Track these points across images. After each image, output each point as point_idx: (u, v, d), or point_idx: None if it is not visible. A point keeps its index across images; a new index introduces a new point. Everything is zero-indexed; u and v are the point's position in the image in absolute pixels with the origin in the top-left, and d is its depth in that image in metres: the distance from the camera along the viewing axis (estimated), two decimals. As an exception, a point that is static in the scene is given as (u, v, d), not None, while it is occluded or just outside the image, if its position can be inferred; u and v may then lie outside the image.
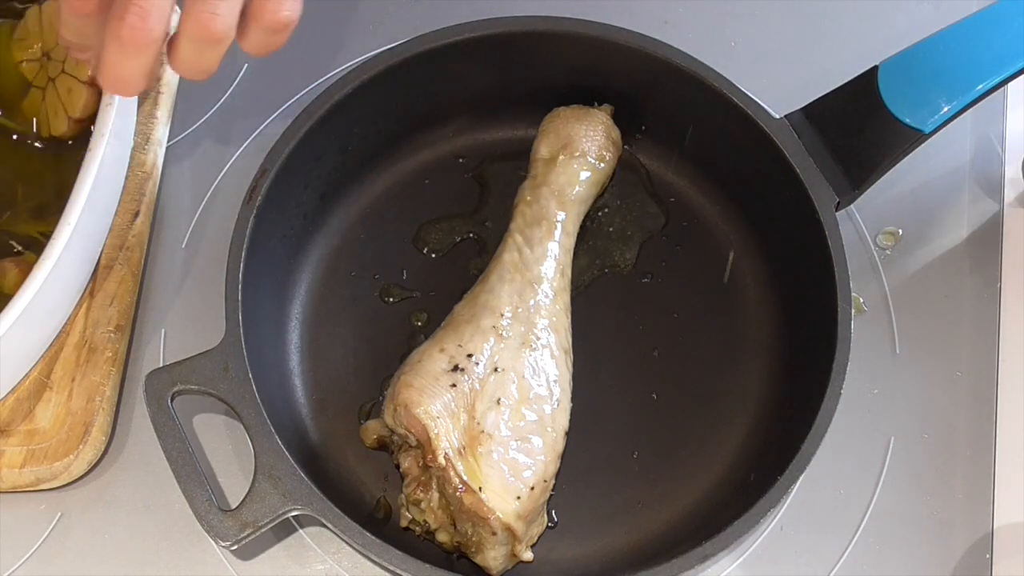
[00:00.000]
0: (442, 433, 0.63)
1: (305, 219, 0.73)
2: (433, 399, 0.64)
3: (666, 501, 0.69)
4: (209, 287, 0.75)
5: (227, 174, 0.78)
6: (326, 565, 0.68)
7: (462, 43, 0.71)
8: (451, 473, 0.63)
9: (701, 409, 0.71)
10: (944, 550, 0.69)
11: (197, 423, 0.71)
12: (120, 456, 0.71)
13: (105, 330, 0.71)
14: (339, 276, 0.74)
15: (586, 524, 0.69)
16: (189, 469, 0.63)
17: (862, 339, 0.70)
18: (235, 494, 0.69)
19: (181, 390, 0.65)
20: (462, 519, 0.64)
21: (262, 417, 0.64)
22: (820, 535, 0.69)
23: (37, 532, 0.69)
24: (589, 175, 0.73)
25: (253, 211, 0.67)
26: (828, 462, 0.69)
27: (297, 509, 0.62)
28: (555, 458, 0.66)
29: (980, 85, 0.67)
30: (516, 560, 0.65)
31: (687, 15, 0.83)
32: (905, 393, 0.73)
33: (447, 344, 0.67)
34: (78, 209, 0.64)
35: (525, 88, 0.75)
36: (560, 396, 0.67)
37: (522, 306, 0.68)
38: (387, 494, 0.69)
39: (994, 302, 0.75)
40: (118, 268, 0.73)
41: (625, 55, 0.72)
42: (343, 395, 0.71)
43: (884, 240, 0.77)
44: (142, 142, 0.76)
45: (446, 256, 0.75)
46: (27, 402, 0.69)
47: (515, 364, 0.66)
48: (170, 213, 0.77)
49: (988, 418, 0.72)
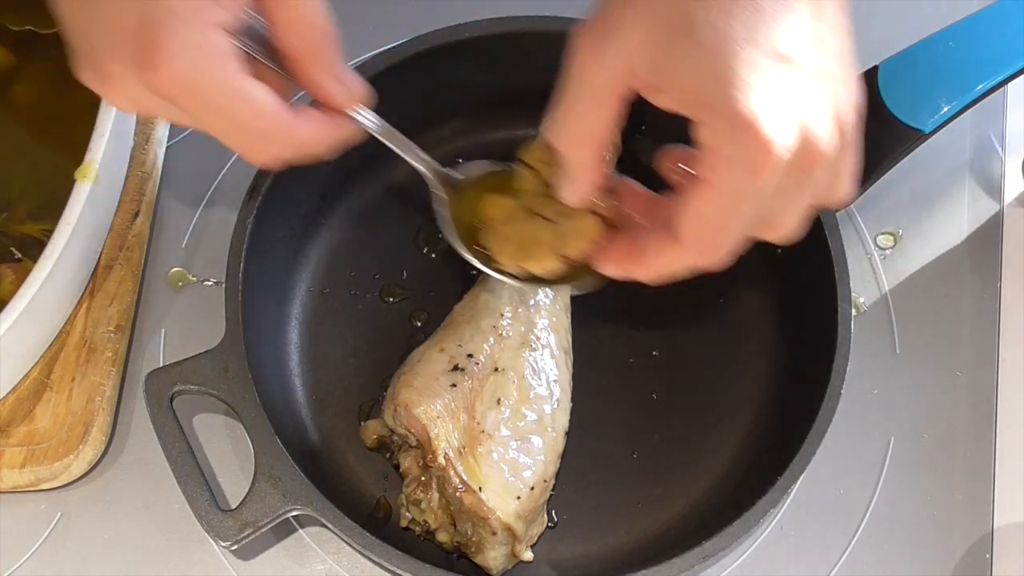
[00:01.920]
0: (442, 433, 0.63)
1: (305, 219, 0.73)
2: (433, 399, 0.64)
3: (666, 501, 0.69)
4: (209, 287, 0.75)
5: (227, 174, 0.78)
6: (326, 565, 0.68)
7: (462, 43, 0.71)
8: (451, 473, 0.63)
9: (701, 409, 0.71)
10: (944, 550, 0.69)
11: (197, 423, 0.71)
12: (120, 456, 0.71)
13: (105, 330, 0.71)
14: (339, 276, 0.74)
15: (586, 524, 0.69)
16: (189, 469, 0.63)
17: (862, 339, 0.70)
18: (235, 494, 0.69)
19: (181, 390, 0.65)
20: (462, 519, 0.64)
21: (262, 417, 0.64)
22: (820, 535, 0.69)
23: (37, 532, 0.69)
24: (589, 175, 0.73)
25: (253, 211, 0.67)
26: (828, 462, 0.69)
27: (297, 509, 0.62)
28: (555, 458, 0.66)
29: (980, 85, 0.67)
30: (516, 560, 0.65)
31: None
32: (905, 393, 0.73)
33: (447, 344, 0.67)
34: (78, 209, 0.64)
35: (525, 88, 0.75)
36: (560, 396, 0.67)
37: (522, 306, 0.68)
38: (387, 494, 0.69)
39: (994, 302, 0.75)
40: (118, 268, 0.73)
41: (625, 55, 0.72)
42: (343, 395, 0.71)
43: (884, 240, 0.77)
44: (142, 142, 0.76)
45: (446, 256, 0.75)
46: (27, 402, 0.69)
47: (515, 364, 0.66)
48: (170, 213, 0.77)
49: (988, 418, 0.72)
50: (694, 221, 0.52)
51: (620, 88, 0.52)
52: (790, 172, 0.50)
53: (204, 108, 0.52)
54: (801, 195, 0.53)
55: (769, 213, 0.53)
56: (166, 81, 0.50)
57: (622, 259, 0.58)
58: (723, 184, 0.51)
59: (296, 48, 0.54)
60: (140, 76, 0.50)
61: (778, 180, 0.50)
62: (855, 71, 0.53)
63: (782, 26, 0.49)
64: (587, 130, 0.54)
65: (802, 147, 0.50)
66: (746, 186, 0.50)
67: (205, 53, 0.50)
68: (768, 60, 0.49)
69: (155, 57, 0.49)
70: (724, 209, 0.51)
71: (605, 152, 0.56)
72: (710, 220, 0.52)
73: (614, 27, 0.51)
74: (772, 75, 0.49)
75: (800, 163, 0.50)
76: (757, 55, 0.49)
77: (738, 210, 0.51)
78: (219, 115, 0.52)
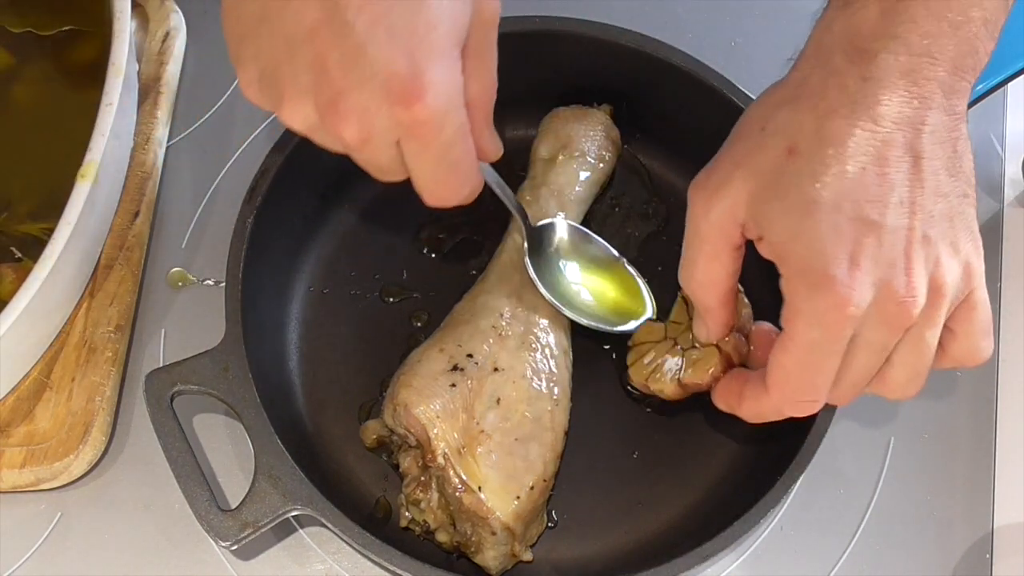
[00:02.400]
0: (441, 433, 0.63)
1: (305, 219, 0.73)
2: (432, 399, 0.64)
3: (666, 501, 0.69)
4: (209, 287, 0.75)
5: (227, 174, 0.78)
6: (326, 565, 0.68)
7: (462, 43, 0.71)
8: (450, 473, 0.63)
9: (701, 409, 0.71)
10: (944, 550, 0.69)
11: (197, 423, 0.71)
12: (120, 456, 0.71)
13: (105, 330, 0.71)
14: (339, 276, 0.74)
15: (586, 524, 0.69)
16: (189, 469, 0.63)
17: (862, 339, 0.70)
18: (235, 494, 0.69)
19: (181, 390, 0.65)
20: (462, 519, 0.64)
21: (262, 417, 0.64)
22: (820, 535, 0.69)
23: (37, 532, 0.69)
24: (589, 175, 0.73)
25: (253, 211, 0.67)
26: (828, 462, 0.69)
27: (297, 509, 0.62)
28: (555, 458, 0.66)
29: (980, 85, 0.67)
30: (516, 560, 0.65)
31: (687, 15, 0.83)
32: (905, 393, 0.73)
33: (447, 344, 0.67)
34: (78, 209, 0.64)
35: (525, 88, 0.75)
36: (560, 396, 0.67)
37: (522, 306, 0.68)
38: (387, 494, 0.69)
39: (994, 302, 0.75)
40: (118, 268, 0.73)
41: (625, 55, 0.72)
42: (343, 395, 0.71)
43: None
44: (142, 142, 0.76)
45: (446, 256, 0.75)
46: (27, 402, 0.69)
47: (515, 364, 0.66)
48: (170, 213, 0.77)
49: (988, 418, 0.72)
50: (778, 372, 0.56)
51: (732, 240, 0.56)
52: (876, 328, 0.53)
53: (433, 147, 0.53)
54: (906, 352, 0.54)
55: (871, 369, 0.55)
56: (419, 118, 0.51)
57: (728, 397, 0.62)
58: (799, 337, 0.54)
59: (478, 94, 0.55)
60: (391, 107, 0.50)
61: (863, 336, 0.53)
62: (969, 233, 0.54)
63: (871, 193, 0.51)
64: (708, 279, 0.59)
65: (883, 305, 0.52)
66: (821, 340, 0.53)
67: (459, 93, 0.52)
68: (851, 226, 0.51)
69: (415, 92, 0.50)
70: (803, 363, 0.54)
71: (730, 297, 0.60)
72: (791, 371, 0.55)
73: (721, 185, 0.55)
74: (852, 238, 0.51)
75: (884, 319, 0.52)
76: (839, 220, 0.51)
77: (818, 363, 0.54)
78: (444, 153, 0.53)
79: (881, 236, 0.51)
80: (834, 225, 0.51)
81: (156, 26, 0.81)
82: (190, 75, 0.81)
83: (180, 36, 0.81)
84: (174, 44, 0.80)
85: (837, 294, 0.51)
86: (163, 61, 0.79)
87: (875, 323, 0.52)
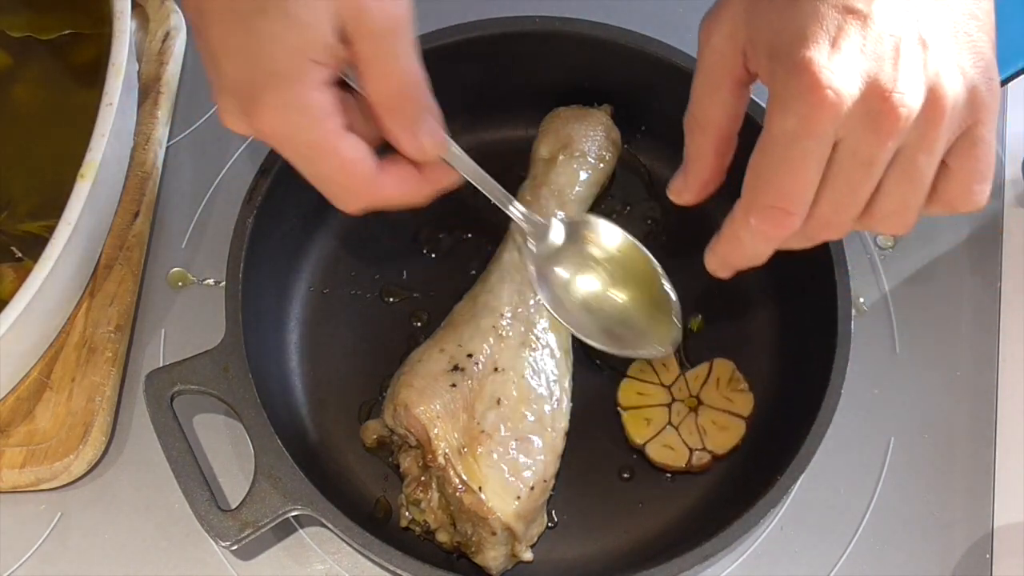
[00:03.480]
0: (441, 433, 0.63)
1: (305, 219, 0.73)
2: (433, 399, 0.64)
3: (666, 501, 0.69)
4: (209, 287, 0.75)
5: (227, 174, 0.78)
6: (326, 565, 0.68)
7: (462, 43, 0.71)
8: (451, 473, 0.63)
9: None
10: (944, 550, 0.69)
11: (197, 423, 0.71)
12: (120, 456, 0.71)
13: (105, 330, 0.71)
14: (339, 276, 0.74)
15: (586, 524, 0.69)
16: (189, 469, 0.63)
17: (862, 339, 0.70)
18: (235, 494, 0.69)
19: (181, 390, 0.65)
20: (462, 519, 0.64)
21: (262, 417, 0.64)
22: (820, 535, 0.69)
23: (37, 532, 0.69)
24: (589, 175, 0.73)
25: (253, 211, 0.67)
26: (828, 462, 0.69)
27: (297, 509, 0.62)
28: (555, 458, 0.66)
29: (980, 85, 0.67)
30: (516, 560, 0.65)
31: (687, 15, 0.83)
32: (905, 393, 0.73)
33: (447, 344, 0.67)
34: (78, 209, 0.64)
35: (525, 88, 0.75)
36: (560, 396, 0.67)
37: (522, 306, 0.68)
38: (387, 494, 0.69)
39: (994, 302, 0.75)
40: (118, 268, 0.73)
41: (625, 55, 0.72)
42: (343, 395, 0.71)
43: (884, 240, 0.77)
44: (142, 142, 0.76)
45: (446, 256, 0.75)
46: (27, 402, 0.69)
47: (515, 364, 0.66)
48: (170, 213, 0.77)
49: (988, 418, 0.72)
50: (750, 173, 0.52)
51: (734, 71, 0.54)
52: (861, 133, 0.49)
53: (296, 160, 0.57)
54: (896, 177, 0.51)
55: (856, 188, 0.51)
56: (264, 134, 0.55)
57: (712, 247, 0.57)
58: (775, 128, 0.50)
59: (376, 102, 0.56)
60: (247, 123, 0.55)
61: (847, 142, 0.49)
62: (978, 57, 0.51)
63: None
64: (705, 115, 0.56)
65: (868, 102, 0.48)
66: (797, 131, 0.49)
67: (302, 113, 0.54)
68: (836, 13, 0.49)
69: (254, 112, 0.54)
70: (779, 159, 0.50)
71: (725, 146, 0.56)
72: (765, 169, 0.51)
73: (721, 8, 0.54)
74: (838, 26, 0.49)
75: (870, 121, 0.48)
76: (824, 8, 0.49)
77: (794, 161, 0.49)
78: (309, 168, 0.57)
79: (867, 24, 0.49)
80: (816, 11, 0.49)
81: (156, 26, 0.81)
82: (190, 75, 0.81)
83: (180, 36, 0.81)
84: (174, 44, 0.80)
85: (812, 74, 0.47)
86: (163, 61, 0.79)
87: (859, 125, 0.48)
